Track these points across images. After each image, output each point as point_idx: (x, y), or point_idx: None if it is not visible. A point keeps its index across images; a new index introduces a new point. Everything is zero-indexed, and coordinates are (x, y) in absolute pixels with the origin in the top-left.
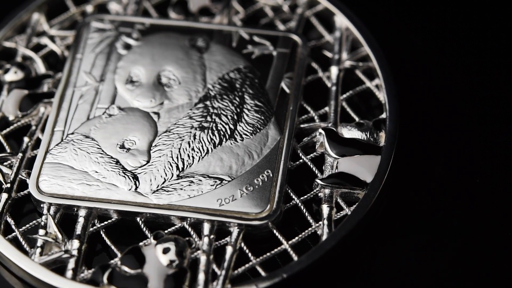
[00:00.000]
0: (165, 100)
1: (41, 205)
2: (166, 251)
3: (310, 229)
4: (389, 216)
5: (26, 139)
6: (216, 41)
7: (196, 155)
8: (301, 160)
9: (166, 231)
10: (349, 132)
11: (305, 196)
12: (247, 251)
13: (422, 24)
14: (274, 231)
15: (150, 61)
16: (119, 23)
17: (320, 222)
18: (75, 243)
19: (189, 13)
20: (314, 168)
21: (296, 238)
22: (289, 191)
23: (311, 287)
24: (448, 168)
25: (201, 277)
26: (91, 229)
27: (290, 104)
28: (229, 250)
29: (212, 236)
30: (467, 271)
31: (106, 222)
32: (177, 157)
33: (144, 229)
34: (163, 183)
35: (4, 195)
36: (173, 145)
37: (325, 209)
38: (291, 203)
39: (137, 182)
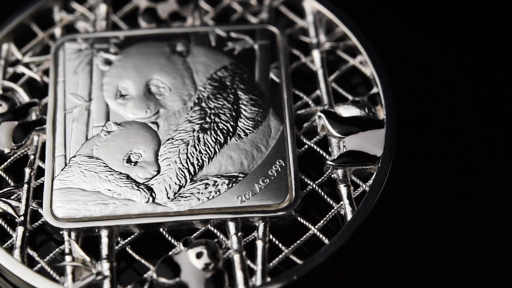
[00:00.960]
0: (160, 108)
1: (60, 232)
2: (199, 255)
3: (333, 210)
4: (406, 186)
5: (27, 169)
6: (195, 43)
7: (205, 157)
8: (306, 146)
9: (192, 236)
10: (347, 111)
11: (320, 180)
12: (276, 242)
13: (422, 24)
14: (299, 218)
15: (135, 73)
16: (93, 40)
17: (341, 202)
18: (105, 264)
19: (160, 20)
20: (321, 152)
21: (322, 221)
22: (303, 177)
23: (345, 268)
24: (448, 134)
25: (239, 275)
26: (116, 247)
27: (284, 93)
28: (259, 244)
29: (239, 234)
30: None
31: (130, 238)
32: (187, 162)
33: (169, 238)
34: (179, 190)
35: (20, 229)
36: (180, 151)
37: (343, 189)
38: (307, 189)
39: (153, 193)
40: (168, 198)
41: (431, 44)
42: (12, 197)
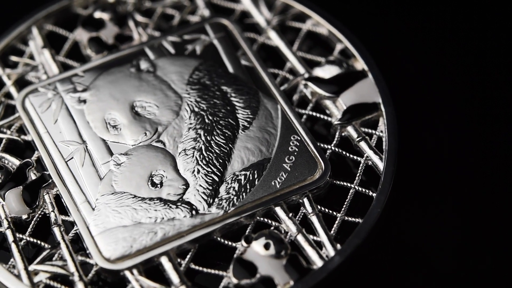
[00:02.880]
0: (156, 126)
1: (121, 274)
2: (267, 246)
3: (362, 164)
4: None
5: (55, 228)
6: (156, 57)
7: (224, 156)
8: (305, 116)
9: (247, 232)
10: (326, 72)
11: (335, 141)
12: (326, 210)
13: (422, 24)
14: (335, 181)
15: (114, 102)
16: (54, 85)
17: (365, 154)
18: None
19: (108, 46)
20: (321, 116)
21: (357, 177)
22: (318, 144)
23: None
24: (448, 134)
25: (311, 251)
26: (181, 268)
27: (262, 74)
28: (314, 218)
29: (290, 215)
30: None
31: (190, 254)
32: (209, 167)
33: (226, 242)
34: (215, 194)
35: (80, 285)
36: (198, 160)
37: (362, 144)
38: (327, 153)
39: (193, 206)
40: (209, 205)
41: (431, 44)
42: (54, 259)
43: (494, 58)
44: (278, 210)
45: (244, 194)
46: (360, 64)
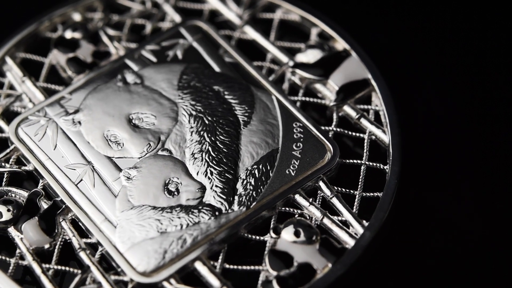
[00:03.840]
0: (158, 135)
1: (159, 286)
2: (297, 234)
3: (366, 139)
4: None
5: (81, 253)
6: (140, 68)
7: (232, 154)
8: (298, 103)
9: (272, 224)
10: (309, 56)
11: (334, 122)
12: (344, 190)
13: (422, 24)
14: (345, 160)
15: (110, 118)
16: (44, 111)
17: (368, 130)
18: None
19: (87, 65)
20: (315, 100)
21: (364, 153)
22: (320, 127)
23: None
24: (448, 134)
25: (339, 232)
26: (217, 270)
27: (249, 68)
28: (335, 200)
29: (310, 199)
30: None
31: (221, 255)
32: (221, 166)
33: (253, 237)
34: (233, 192)
35: None
36: (208, 162)
37: (362, 120)
38: (330, 135)
39: (214, 207)
40: (230, 204)
41: (431, 44)
42: (87, 283)
43: (494, 58)
44: (298, 198)
45: (262, 187)
46: (340, 44)
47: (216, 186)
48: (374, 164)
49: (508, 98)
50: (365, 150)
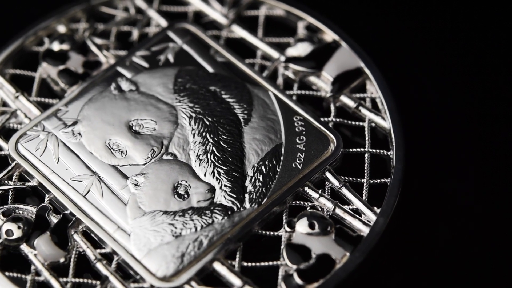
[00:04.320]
0: (161, 140)
1: None
2: (312, 226)
3: (366, 127)
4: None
5: (98, 264)
6: (133, 74)
7: (237, 153)
8: (294, 97)
9: (284, 219)
10: (300, 50)
11: (333, 113)
12: (351, 179)
13: (422, 24)
14: (349, 150)
15: (110, 127)
16: (42, 125)
17: (367, 118)
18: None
19: (79, 76)
20: (310, 92)
21: (366, 141)
22: (320, 118)
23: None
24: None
25: (353, 221)
26: (236, 269)
27: (242, 66)
28: (344, 190)
29: (320, 191)
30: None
31: (238, 253)
32: (227, 165)
33: (267, 233)
34: (243, 190)
35: None
36: (214, 162)
37: (362, 109)
38: (330, 125)
39: (226, 207)
40: (241, 202)
41: (431, 44)
42: None
43: (494, 58)
44: (308, 190)
45: (271, 183)
46: (329, 35)
47: (225, 185)
48: (378, 151)
49: (508, 98)
50: (367, 138)
